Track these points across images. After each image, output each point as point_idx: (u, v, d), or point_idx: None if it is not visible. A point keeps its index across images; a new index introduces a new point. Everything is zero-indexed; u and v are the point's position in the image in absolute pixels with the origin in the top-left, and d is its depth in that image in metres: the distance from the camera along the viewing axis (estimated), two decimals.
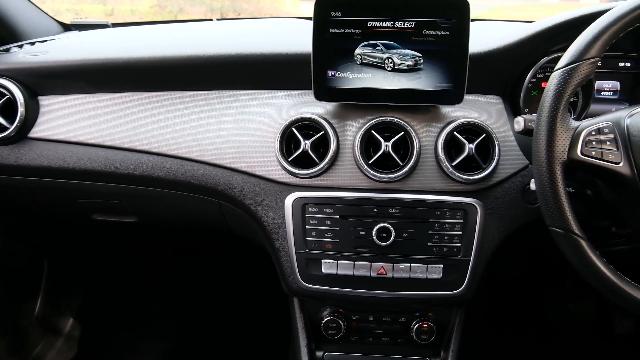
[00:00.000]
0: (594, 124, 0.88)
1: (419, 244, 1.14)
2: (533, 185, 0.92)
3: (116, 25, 1.74)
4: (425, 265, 1.14)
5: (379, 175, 1.11)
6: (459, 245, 1.14)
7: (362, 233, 1.14)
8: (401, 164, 1.12)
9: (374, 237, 1.12)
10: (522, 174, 1.16)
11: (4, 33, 1.50)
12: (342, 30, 1.09)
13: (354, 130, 1.15)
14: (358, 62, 1.10)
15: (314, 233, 1.15)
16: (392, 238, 1.11)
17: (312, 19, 1.08)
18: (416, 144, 1.12)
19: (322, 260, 1.16)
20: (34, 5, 1.64)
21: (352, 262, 1.15)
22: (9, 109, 1.28)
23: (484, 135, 1.12)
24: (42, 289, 1.92)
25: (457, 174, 1.11)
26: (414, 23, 1.07)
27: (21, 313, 1.86)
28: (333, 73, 1.11)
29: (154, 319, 2.21)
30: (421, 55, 1.09)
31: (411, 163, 1.11)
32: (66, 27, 1.75)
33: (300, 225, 1.15)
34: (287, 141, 1.16)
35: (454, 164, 1.11)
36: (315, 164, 1.13)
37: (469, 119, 1.13)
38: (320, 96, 1.13)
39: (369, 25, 1.08)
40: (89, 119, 1.29)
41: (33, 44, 1.45)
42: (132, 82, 1.29)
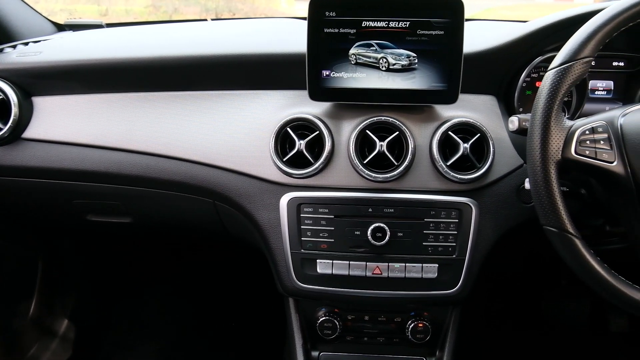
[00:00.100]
0: (587, 123, 0.88)
1: (414, 243, 1.14)
2: (527, 185, 0.92)
3: (110, 25, 1.73)
4: (421, 265, 1.14)
5: (373, 175, 1.11)
6: (454, 244, 1.14)
7: (357, 233, 1.14)
8: (396, 163, 1.12)
9: (369, 237, 1.12)
10: (517, 173, 1.16)
11: None
12: (336, 30, 1.09)
13: (348, 130, 1.15)
14: (352, 62, 1.10)
15: (309, 233, 1.15)
16: (387, 238, 1.11)
17: (306, 19, 1.08)
18: (411, 144, 1.12)
19: (318, 260, 1.16)
20: (28, 5, 1.63)
21: (348, 262, 1.15)
22: (2, 110, 1.27)
23: (479, 134, 1.12)
24: (37, 290, 1.91)
25: (452, 173, 1.11)
26: (408, 23, 1.07)
27: (16, 314, 1.85)
28: (328, 73, 1.11)
29: (148, 320, 2.20)
30: (416, 55, 1.09)
31: (406, 163, 1.11)
32: (60, 28, 1.74)
33: (296, 225, 1.15)
34: (282, 141, 1.16)
35: (448, 163, 1.11)
36: (310, 164, 1.13)
37: (463, 119, 1.13)
38: (315, 96, 1.13)
39: (363, 25, 1.08)
40: (83, 120, 1.28)
41: (27, 44, 1.44)
42: (126, 82, 1.29)
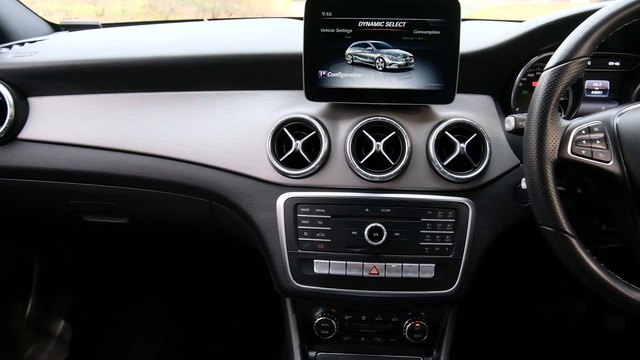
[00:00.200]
0: (584, 123, 0.88)
1: (410, 243, 1.14)
2: (524, 184, 0.92)
3: (107, 25, 1.73)
4: (417, 265, 1.14)
5: (370, 175, 1.11)
6: (451, 244, 1.14)
7: (354, 233, 1.14)
8: (393, 163, 1.12)
9: (366, 237, 1.11)
10: (513, 173, 1.16)
11: None
12: (333, 30, 1.09)
13: (345, 130, 1.15)
14: (349, 62, 1.10)
15: (305, 233, 1.15)
16: (384, 238, 1.11)
17: (303, 19, 1.08)
18: (407, 144, 1.12)
19: (314, 261, 1.16)
20: (24, 5, 1.63)
21: (344, 262, 1.15)
22: None
23: (475, 134, 1.12)
24: (33, 290, 1.90)
25: (449, 173, 1.11)
26: (404, 23, 1.08)
27: (12, 315, 1.84)
28: (324, 73, 1.11)
29: (145, 320, 2.20)
30: (412, 55, 1.09)
31: (402, 163, 1.11)
32: (56, 28, 1.74)
33: (292, 226, 1.15)
34: (279, 141, 1.16)
35: (445, 163, 1.12)
36: (306, 164, 1.13)
37: (460, 119, 1.13)
38: (312, 96, 1.13)
39: (359, 25, 1.08)
40: (80, 120, 1.28)
41: (22, 44, 1.44)
42: (123, 82, 1.29)
